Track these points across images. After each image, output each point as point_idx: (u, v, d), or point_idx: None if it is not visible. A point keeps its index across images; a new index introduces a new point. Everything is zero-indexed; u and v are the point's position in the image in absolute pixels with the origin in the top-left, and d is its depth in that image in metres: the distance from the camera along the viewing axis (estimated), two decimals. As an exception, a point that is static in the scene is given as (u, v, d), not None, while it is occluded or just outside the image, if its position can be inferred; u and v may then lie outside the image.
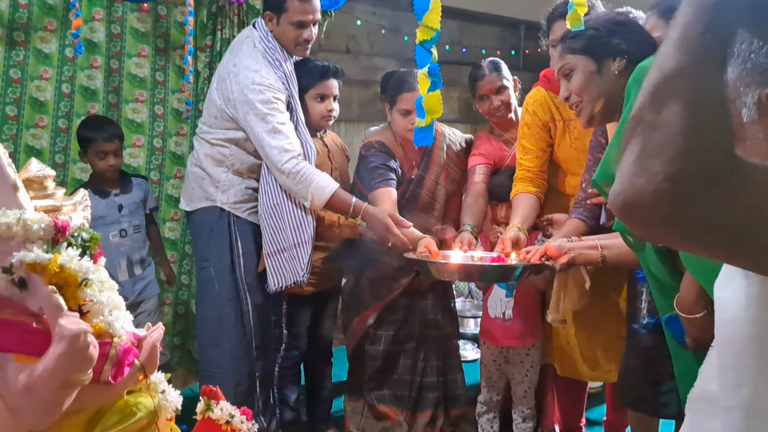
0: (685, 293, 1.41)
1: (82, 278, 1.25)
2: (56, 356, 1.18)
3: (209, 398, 1.61)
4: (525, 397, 2.62)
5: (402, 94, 2.59)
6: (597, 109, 1.74)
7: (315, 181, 2.41)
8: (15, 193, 1.26)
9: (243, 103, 2.47)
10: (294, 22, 2.54)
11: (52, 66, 2.97)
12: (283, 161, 2.41)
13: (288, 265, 2.50)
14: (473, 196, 2.66)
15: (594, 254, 1.87)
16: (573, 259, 1.90)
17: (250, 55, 2.55)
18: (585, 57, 1.74)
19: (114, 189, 2.91)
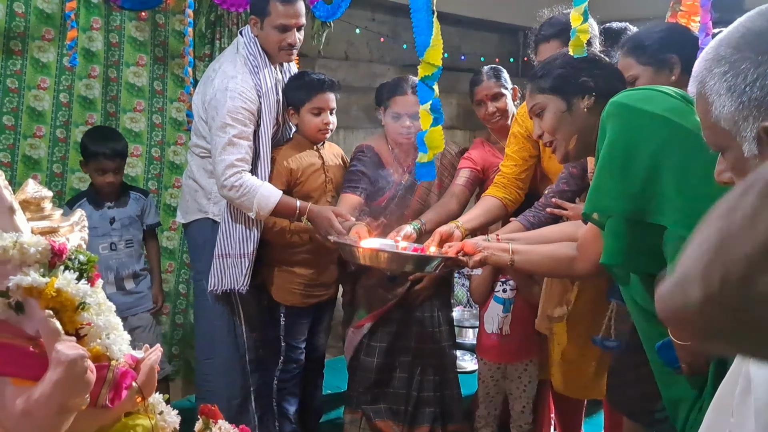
0: None
1: (80, 302, 1.23)
2: (53, 381, 1.17)
3: (207, 417, 1.60)
4: (523, 412, 2.61)
5: (395, 97, 2.61)
6: (571, 146, 1.77)
7: (259, 192, 2.44)
8: (12, 215, 1.24)
9: (212, 107, 2.50)
10: (277, 25, 2.55)
11: (49, 75, 2.97)
12: (227, 175, 2.43)
13: (228, 271, 2.53)
14: (447, 196, 2.67)
15: (504, 257, 1.89)
16: (485, 258, 1.93)
17: (231, 60, 2.58)
18: (554, 96, 1.76)
19: (109, 201, 2.89)
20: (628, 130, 1.41)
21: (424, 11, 1.68)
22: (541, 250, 1.89)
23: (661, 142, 1.36)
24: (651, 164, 1.35)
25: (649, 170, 1.35)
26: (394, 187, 2.67)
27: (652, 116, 1.39)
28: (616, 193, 1.39)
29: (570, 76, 1.74)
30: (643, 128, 1.39)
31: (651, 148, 1.36)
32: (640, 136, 1.38)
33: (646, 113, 1.40)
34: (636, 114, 1.41)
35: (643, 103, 1.42)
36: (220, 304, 2.58)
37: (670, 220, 1.33)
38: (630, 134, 1.40)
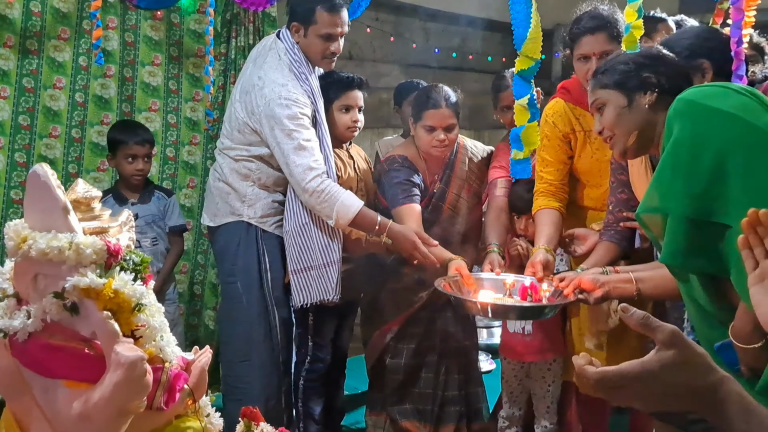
0: (741, 324, 1.38)
1: (136, 303, 1.22)
2: (113, 384, 1.15)
3: (249, 419, 1.59)
4: (547, 412, 2.60)
5: (428, 110, 2.56)
6: (630, 143, 1.75)
7: (340, 200, 2.40)
8: (66, 216, 1.22)
9: (269, 118, 2.44)
10: (322, 34, 2.52)
11: (65, 75, 2.95)
12: (308, 180, 2.40)
13: (315, 283, 2.50)
14: (495, 211, 2.62)
15: (629, 288, 1.85)
16: (608, 293, 1.88)
17: (276, 67, 2.52)
18: (616, 92, 1.75)
19: (133, 198, 2.89)
20: (695, 128, 1.38)
21: (523, 3, 1.67)
22: (666, 275, 1.79)
23: (729, 140, 1.33)
24: (717, 163, 1.32)
25: (714, 169, 1.32)
26: (428, 195, 2.65)
27: (720, 113, 1.36)
28: (680, 193, 1.36)
29: (632, 72, 1.72)
30: (711, 126, 1.36)
31: (718, 146, 1.33)
32: (708, 133, 1.36)
33: (714, 110, 1.37)
34: (704, 111, 1.39)
35: (711, 100, 1.39)
36: (257, 306, 2.55)
37: (735, 220, 1.28)
38: (697, 132, 1.37)
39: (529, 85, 1.77)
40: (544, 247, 2.29)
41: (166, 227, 2.96)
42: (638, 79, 1.71)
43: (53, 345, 1.23)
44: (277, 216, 2.59)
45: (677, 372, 0.85)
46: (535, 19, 1.67)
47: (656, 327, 0.86)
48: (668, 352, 0.85)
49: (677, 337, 0.85)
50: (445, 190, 2.66)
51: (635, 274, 1.86)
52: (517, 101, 1.81)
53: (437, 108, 2.53)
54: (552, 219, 2.40)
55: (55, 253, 1.20)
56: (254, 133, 2.51)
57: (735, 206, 1.29)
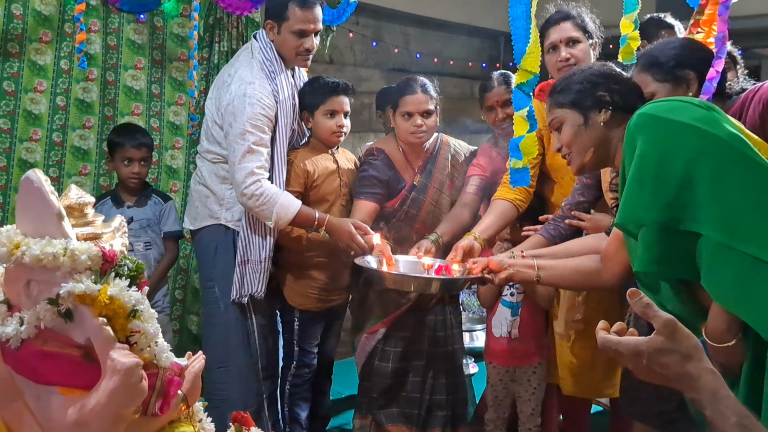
0: (714, 323, 1.44)
1: (132, 309, 1.22)
2: (109, 390, 1.15)
3: (240, 424, 1.59)
4: (532, 414, 2.63)
5: (405, 96, 2.62)
6: (587, 159, 1.80)
7: (279, 202, 2.44)
8: (60, 222, 1.22)
9: (230, 113, 2.47)
10: (295, 31, 2.54)
11: (46, 78, 2.91)
12: (247, 184, 2.43)
13: (247, 277, 2.53)
14: (459, 206, 2.69)
15: (530, 273, 1.96)
16: (511, 276, 1.99)
17: (246, 65, 2.55)
18: (572, 110, 1.79)
19: (130, 200, 2.90)
20: (659, 141, 1.43)
21: (523, 19, 1.70)
22: (567, 265, 1.93)
23: (695, 151, 1.38)
24: (685, 173, 1.37)
25: (682, 179, 1.37)
26: (407, 189, 2.68)
27: (683, 126, 1.41)
28: (650, 203, 1.42)
29: (587, 91, 1.76)
30: (676, 138, 1.41)
31: (685, 157, 1.38)
32: (673, 146, 1.41)
33: (676, 123, 1.42)
34: (666, 125, 1.43)
35: (672, 113, 1.45)
36: (234, 310, 2.55)
37: (705, 227, 1.36)
38: (662, 145, 1.42)
39: (528, 97, 1.80)
40: (474, 234, 2.39)
41: (161, 232, 2.96)
42: (593, 98, 1.75)
43: (47, 352, 1.22)
44: None
45: (662, 355, 0.96)
46: (534, 34, 1.70)
47: (654, 315, 0.98)
48: (659, 338, 0.96)
49: (669, 327, 0.96)
50: (426, 183, 2.70)
51: (539, 261, 1.97)
52: (517, 113, 1.84)
53: (413, 93, 2.60)
54: (501, 210, 2.49)
55: (50, 260, 1.19)
56: (222, 130, 2.54)
57: (704, 213, 1.36)
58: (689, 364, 0.95)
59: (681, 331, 0.96)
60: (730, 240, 1.32)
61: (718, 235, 1.34)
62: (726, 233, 1.33)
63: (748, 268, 1.31)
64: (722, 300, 1.40)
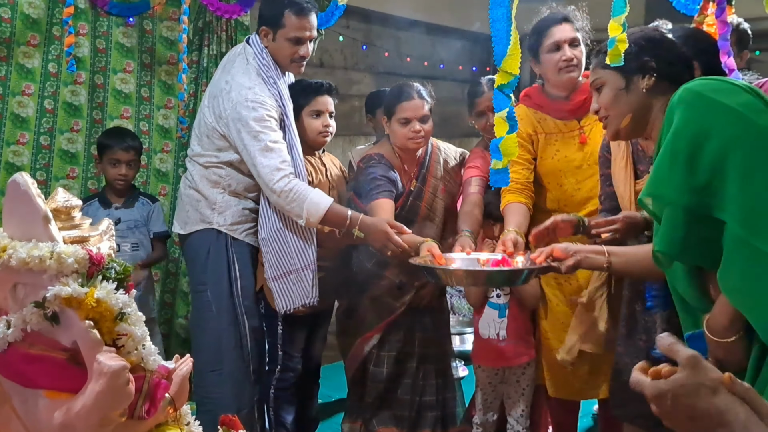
0: (717, 317, 1.42)
1: (118, 312, 1.22)
2: (96, 393, 1.15)
3: (228, 427, 1.59)
4: (521, 415, 2.64)
5: (401, 103, 2.60)
6: (623, 125, 1.75)
7: (309, 198, 2.40)
8: (47, 224, 1.22)
9: (236, 121, 2.44)
10: (290, 38, 2.54)
11: (34, 81, 2.91)
12: (275, 180, 2.39)
13: (296, 287, 2.50)
14: (470, 206, 2.66)
15: (600, 259, 1.86)
16: (579, 262, 1.88)
17: (243, 71, 2.53)
18: (614, 72, 1.74)
19: (117, 202, 2.93)
20: (698, 120, 1.38)
21: (504, 21, 1.70)
22: (639, 251, 1.85)
23: (732, 137, 1.34)
24: (718, 158, 1.33)
25: (715, 164, 1.33)
26: (406, 195, 2.68)
27: (725, 108, 1.36)
28: (680, 184, 1.37)
29: (633, 54, 1.70)
30: (715, 120, 1.37)
31: (721, 142, 1.34)
32: (712, 127, 1.36)
33: (720, 105, 1.37)
34: (709, 104, 1.39)
35: (718, 94, 1.39)
36: (227, 315, 2.53)
37: (730, 217, 1.32)
38: (700, 124, 1.38)
39: (508, 98, 1.80)
40: (514, 229, 2.33)
41: (149, 233, 2.97)
42: (638, 62, 1.70)
43: (33, 355, 1.22)
44: (248, 224, 2.59)
45: (687, 391, 0.90)
46: (515, 36, 1.71)
47: (678, 350, 0.93)
48: (682, 374, 0.91)
49: (692, 361, 0.91)
50: (421, 188, 2.70)
51: (608, 248, 1.87)
52: (497, 114, 1.84)
53: (410, 99, 2.58)
54: (520, 210, 2.46)
55: (36, 263, 1.19)
56: (222, 138, 2.51)
57: (731, 203, 1.31)
58: (716, 397, 0.89)
59: (704, 365, 0.92)
60: (749, 235, 1.29)
61: (738, 228, 1.31)
62: (746, 227, 1.30)
63: (761, 265, 1.29)
64: (729, 293, 1.37)
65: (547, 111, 2.57)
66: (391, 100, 2.64)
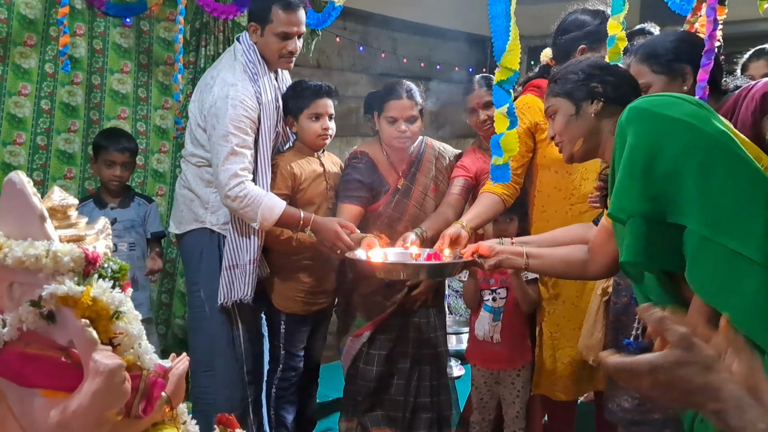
0: (693, 318, 1.44)
1: (115, 311, 1.22)
2: (92, 392, 1.15)
3: (225, 426, 1.59)
4: (517, 417, 2.64)
5: (390, 101, 2.63)
6: (576, 148, 1.82)
7: (263, 202, 2.44)
8: (43, 223, 1.22)
9: (212, 116, 2.47)
10: (278, 33, 2.55)
11: (31, 82, 2.91)
12: (231, 186, 2.42)
13: (237, 282, 2.52)
14: (444, 206, 2.70)
15: (519, 261, 1.97)
16: (500, 262, 1.99)
17: (229, 67, 2.55)
18: (565, 99, 1.81)
19: (113, 202, 2.93)
20: (650, 135, 1.45)
21: (503, 17, 1.71)
22: (555, 254, 1.95)
23: (684, 146, 1.41)
24: (673, 167, 1.40)
25: (670, 172, 1.40)
26: (391, 192, 2.68)
27: (673, 121, 1.43)
28: (638, 195, 1.44)
29: (580, 82, 1.78)
30: (666, 132, 1.43)
31: (673, 151, 1.41)
32: (663, 139, 1.43)
33: (667, 118, 1.44)
34: (658, 119, 1.46)
35: (664, 108, 1.47)
36: (219, 315, 2.54)
37: (690, 220, 1.38)
38: (652, 138, 1.44)
39: (508, 94, 1.81)
40: (461, 222, 2.37)
41: (146, 233, 2.98)
42: (586, 89, 1.77)
43: (29, 354, 1.22)
44: None
45: (681, 368, 0.92)
46: (514, 32, 1.72)
47: (668, 328, 0.94)
48: (676, 351, 0.92)
49: (687, 340, 0.92)
50: (410, 186, 2.71)
51: (527, 249, 1.98)
52: (497, 110, 1.85)
53: (399, 99, 2.61)
54: (488, 202, 2.49)
55: (32, 261, 1.19)
56: (205, 132, 2.53)
57: (689, 206, 1.38)
58: (710, 374, 0.91)
59: (698, 343, 0.93)
60: (712, 234, 1.35)
61: (701, 229, 1.36)
62: (709, 227, 1.36)
63: (729, 261, 1.34)
64: (702, 292, 1.41)
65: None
66: (381, 97, 2.67)
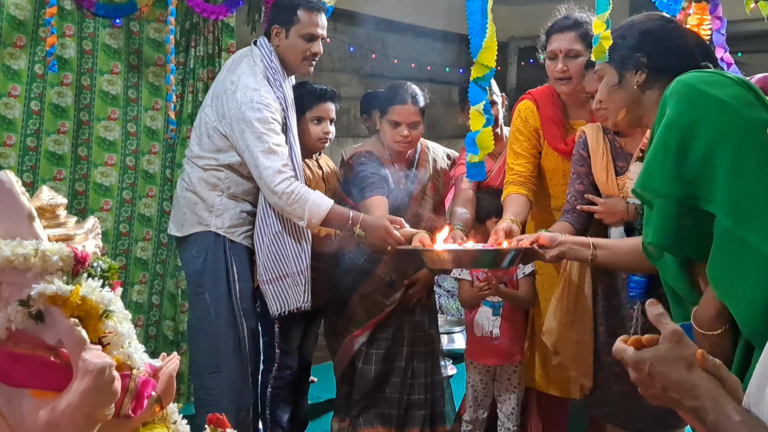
0: (704, 309, 1.43)
1: (104, 310, 1.21)
2: (81, 391, 1.14)
3: (216, 426, 1.58)
4: (512, 413, 2.65)
5: (394, 105, 2.63)
6: (619, 118, 1.73)
7: (311, 199, 2.40)
8: (31, 223, 1.22)
9: (239, 121, 2.43)
10: (304, 34, 2.54)
11: (21, 83, 2.89)
12: (277, 182, 2.39)
13: (291, 291, 2.50)
14: (461, 202, 2.67)
15: (585, 252, 1.87)
16: (563, 253, 1.88)
17: (249, 72, 2.52)
18: (610, 67, 1.72)
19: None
20: (689, 112, 1.39)
21: (479, 14, 1.71)
22: (624, 244, 1.87)
23: (721, 129, 1.34)
24: (708, 150, 1.34)
25: (705, 156, 1.34)
26: (396, 191, 2.69)
27: (716, 101, 1.37)
28: (670, 176, 1.38)
29: (626, 50, 1.68)
30: (705, 112, 1.37)
31: (710, 134, 1.35)
32: (702, 119, 1.37)
33: (710, 97, 1.38)
34: (699, 96, 1.39)
35: (709, 86, 1.40)
36: (225, 317, 2.52)
37: (718, 208, 1.33)
38: (690, 116, 1.38)
39: (484, 91, 1.81)
40: (510, 218, 2.31)
41: None
42: (630, 58, 1.67)
43: (18, 354, 1.21)
44: (246, 226, 2.57)
45: (665, 362, 0.95)
46: (491, 29, 1.72)
47: (664, 324, 0.98)
48: (664, 345, 0.96)
49: (677, 335, 0.96)
50: (411, 185, 2.72)
51: (594, 240, 1.89)
52: (473, 107, 1.85)
53: (404, 104, 2.61)
54: (519, 201, 2.45)
55: (21, 261, 1.19)
56: (224, 138, 2.50)
57: (719, 195, 1.32)
58: (691, 372, 0.94)
59: (686, 340, 0.96)
60: (735, 226, 1.30)
61: (726, 220, 1.32)
62: (733, 219, 1.31)
63: (746, 256, 1.30)
64: (715, 285, 1.38)
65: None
66: (386, 100, 2.67)
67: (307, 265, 2.53)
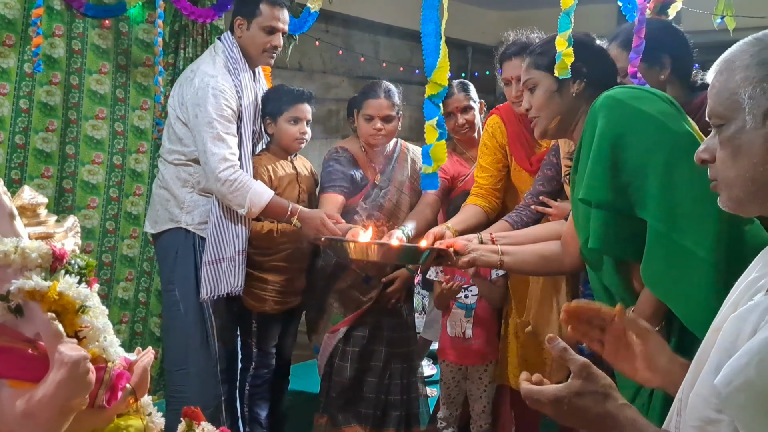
0: (641, 307, 1.52)
1: (80, 305, 1.27)
2: (56, 382, 1.20)
3: (191, 419, 1.64)
4: (483, 412, 2.71)
5: (367, 100, 2.71)
6: (551, 125, 1.81)
7: (252, 188, 2.49)
8: (12, 221, 1.27)
9: (194, 105, 2.52)
10: (265, 27, 2.62)
11: (9, 81, 2.94)
12: (221, 169, 2.47)
13: (224, 275, 2.55)
14: (422, 204, 2.77)
15: (494, 258, 1.94)
16: (474, 260, 1.96)
17: (209, 61, 2.62)
18: (548, 75, 1.78)
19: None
20: (618, 125, 1.48)
21: (433, 36, 1.78)
22: (530, 250, 1.96)
23: (651, 141, 1.44)
24: (639, 161, 1.44)
25: (636, 166, 1.44)
26: (369, 187, 2.76)
27: (644, 115, 1.47)
28: (604, 184, 1.47)
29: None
30: (636, 125, 1.47)
31: (641, 145, 1.44)
32: (632, 132, 1.46)
33: (638, 111, 1.48)
34: (629, 111, 1.49)
35: (636, 101, 1.50)
36: (193, 314, 2.58)
37: (651, 214, 1.43)
38: (620, 129, 1.48)
39: (437, 107, 1.89)
40: (446, 225, 2.40)
41: None
42: (571, 67, 1.73)
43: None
44: None
45: (582, 398, 0.97)
46: (443, 51, 1.80)
47: (570, 358, 1.00)
48: (576, 381, 0.98)
49: (585, 369, 0.99)
50: (386, 183, 2.79)
51: (502, 247, 1.97)
52: (427, 122, 1.92)
53: (376, 98, 2.70)
54: (471, 212, 2.54)
55: (1, 257, 1.23)
56: (185, 126, 2.57)
57: (652, 202, 1.42)
58: (608, 403, 0.97)
59: (596, 372, 0.99)
60: (668, 230, 1.40)
61: (659, 225, 1.41)
62: (666, 223, 1.40)
63: (681, 258, 1.39)
64: (652, 285, 1.47)
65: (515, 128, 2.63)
66: (361, 96, 2.76)
67: (244, 248, 2.58)
